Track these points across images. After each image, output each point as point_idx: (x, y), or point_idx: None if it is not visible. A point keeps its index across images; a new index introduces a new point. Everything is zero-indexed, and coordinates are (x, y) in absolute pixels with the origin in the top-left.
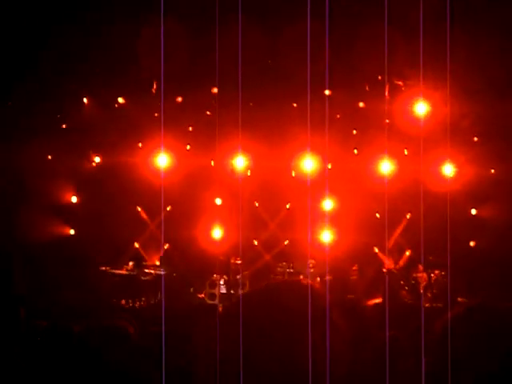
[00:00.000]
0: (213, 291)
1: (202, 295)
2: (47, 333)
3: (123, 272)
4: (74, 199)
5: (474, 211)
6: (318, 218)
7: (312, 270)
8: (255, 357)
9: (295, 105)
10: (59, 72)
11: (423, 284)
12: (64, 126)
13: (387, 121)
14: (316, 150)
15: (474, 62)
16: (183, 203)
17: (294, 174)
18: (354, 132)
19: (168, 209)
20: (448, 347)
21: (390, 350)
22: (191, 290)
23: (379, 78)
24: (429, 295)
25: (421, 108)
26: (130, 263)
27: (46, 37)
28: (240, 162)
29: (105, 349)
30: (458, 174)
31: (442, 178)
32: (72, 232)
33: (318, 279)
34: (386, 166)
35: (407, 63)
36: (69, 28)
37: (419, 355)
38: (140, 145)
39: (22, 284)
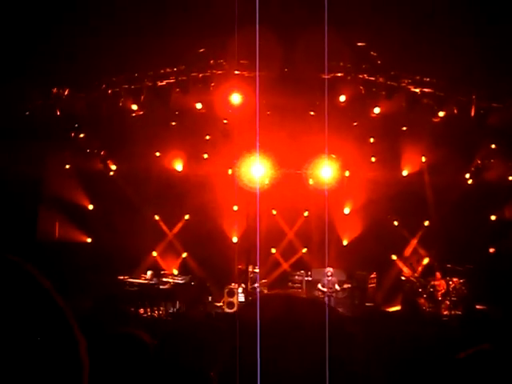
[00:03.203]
0: (231, 300)
1: (221, 304)
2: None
3: (141, 281)
4: (91, 207)
5: (493, 217)
6: (336, 225)
7: (330, 278)
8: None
9: (312, 113)
10: (78, 84)
11: (441, 292)
12: (82, 135)
13: (404, 128)
14: (333, 157)
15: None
16: (201, 212)
17: (311, 182)
18: (372, 140)
19: (186, 217)
20: None
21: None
22: (209, 298)
23: (396, 85)
24: (447, 303)
25: (438, 115)
26: (149, 272)
27: (61, 46)
28: (258, 171)
29: (119, 357)
30: (478, 181)
31: (460, 186)
32: (89, 240)
33: (337, 287)
34: (404, 174)
35: (424, 70)
36: (88, 39)
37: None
38: (158, 154)
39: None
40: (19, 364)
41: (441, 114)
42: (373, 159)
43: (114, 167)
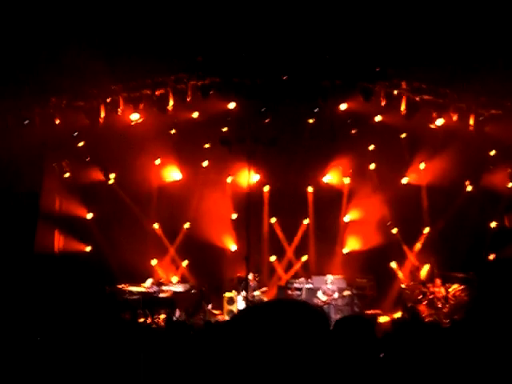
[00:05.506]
0: (231, 308)
1: (220, 312)
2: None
3: (141, 289)
4: (90, 216)
5: (493, 224)
6: (336, 233)
7: (330, 286)
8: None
9: (311, 121)
10: (77, 92)
11: (441, 299)
12: (81, 144)
13: (404, 135)
14: (333, 164)
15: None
16: (201, 220)
17: (311, 190)
18: (371, 147)
19: (186, 226)
20: None
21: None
22: (209, 306)
23: (395, 92)
24: (446, 310)
25: (438, 122)
26: (148, 280)
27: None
28: (256, 179)
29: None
30: (476, 189)
31: (459, 193)
32: (88, 249)
33: (337, 295)
34: (403, 181)
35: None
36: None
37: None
38: (157, 162)
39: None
40: None
41: (440, 120)
42: (372, 166)
43: (112, 175)
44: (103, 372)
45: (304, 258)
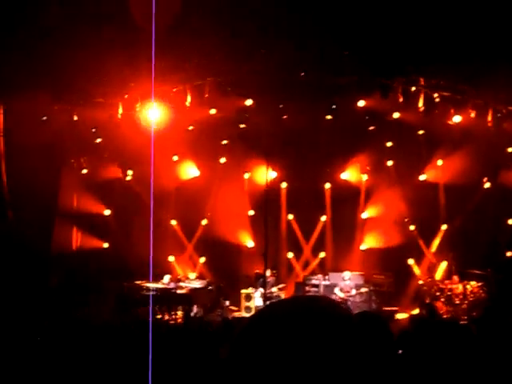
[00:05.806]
0: (249, 304)
1: (238, 308)
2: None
3: (159, 285)
4: (108, 212)
5: (511, 221)
6: (354, 229)
7: (347, 282)
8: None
9: (329, 117)
10: (95, 89)
11: (459, 295)
12: (99, 140)
13: (421, 132)
14: (351, 161)
15: None
16: (218, 217)
17: (328, 186)
18: (389, 144)
19: (204, 223)
20: None
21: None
22: (227, 303)
23: (413, 89)
24: (464, 306)
25: (456, 119)
26: (166, 277)
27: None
28: (273, 174)
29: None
30: (494, 186)
31: (477, 190)
32: (106, 245)
33: (354, 291)
34: (421, 178)
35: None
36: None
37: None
38: (175, 158)
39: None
40: None
41: (458, 117)
42: (390, 163)
43: (130, 172)
44: (120, 368)
45: (321, 255)
